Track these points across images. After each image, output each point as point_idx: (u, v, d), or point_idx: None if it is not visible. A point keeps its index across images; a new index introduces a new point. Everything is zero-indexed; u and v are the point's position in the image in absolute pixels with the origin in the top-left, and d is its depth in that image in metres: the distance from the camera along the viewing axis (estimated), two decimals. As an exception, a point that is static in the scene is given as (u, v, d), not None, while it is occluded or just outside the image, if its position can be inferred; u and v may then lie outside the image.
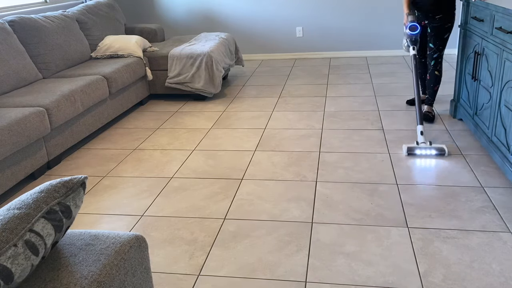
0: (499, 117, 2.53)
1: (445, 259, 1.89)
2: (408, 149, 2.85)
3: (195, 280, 1.86)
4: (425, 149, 2.82)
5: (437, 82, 3.37)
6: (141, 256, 1.28)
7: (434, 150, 2.81)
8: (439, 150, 2.81)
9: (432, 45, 3.27)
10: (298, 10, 5.55)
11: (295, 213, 2.30)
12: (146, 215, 2.38)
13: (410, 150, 2.85)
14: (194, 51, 4.13)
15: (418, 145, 2.86)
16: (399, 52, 5.51)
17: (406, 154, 2.84)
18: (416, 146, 2.85)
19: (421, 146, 2.85)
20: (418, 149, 2.83)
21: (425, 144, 2.87)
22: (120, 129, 3.70)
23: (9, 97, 3.12)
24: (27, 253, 0.98)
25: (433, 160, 2.76)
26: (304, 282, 1.81)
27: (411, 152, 2.85)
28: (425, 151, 2.82)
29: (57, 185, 1.14)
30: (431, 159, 2.75)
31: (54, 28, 3.79)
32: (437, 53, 3.27)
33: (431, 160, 2.77)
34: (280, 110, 3.86)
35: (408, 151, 2.85)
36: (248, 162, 2.91)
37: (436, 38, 3.23)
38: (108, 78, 3.60)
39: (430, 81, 3.39)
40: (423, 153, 2.82)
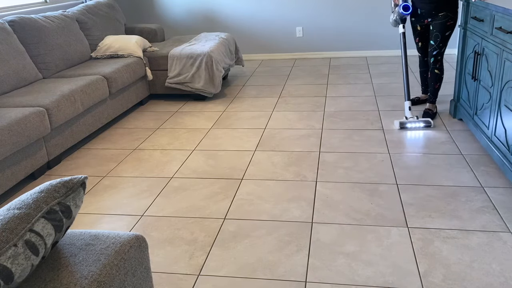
0: (499, 117, 2.53)
1: (445, 259, 1.89)
2: (401, 123, 3.24)
3: (195, 280, 1.86)
4: (414, 123, 3.24)
5: (437, 80, 3.39)
6: (141, 256, 1.28)
7: (422, 123, 3.23)
8: (426, 122, 3.23)
9: (433, 42, 3.29)
10: (298, 10, 5.55)
11: (295, 213, 2.30)
12: (146, 215, 2.38)
13: (402, 124, 3.23)
14: (194, 51, 4.13)
15: (408, 120, 3.25)
16: (399, 52, 5.51)
17: (399, 128, 3.24)
18: (407, 121, 3.23)
19: (410, 120, 3.24)
20: (409, 123, 3.23)
21: (413, 119, 3.26)
22: (120, 129, 3.70)
23: (9, 97, 3.12)
24: (27, 253, 0.98)
25: (433, 160, 2.76)
26: (304, 282, 1.81)
27: (403, 126, 3.24)
28: (414, 124, 3.24)
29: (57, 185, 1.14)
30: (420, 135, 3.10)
31: (54, 28, 3.79)
32: (437, 50, 3.29)
33: (431, 159, 2.77)
34: (280, 110, 3.86)
35: (400, 125, 3.24)
36: (248, 162, 2.91)
37: (438, 35, 3.25)
38: (108, 78, 3.60)
39: (431, 79, 3.42)
40: (413, 126, 3.24)
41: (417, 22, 3.40)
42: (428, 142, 3.02)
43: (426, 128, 3.22)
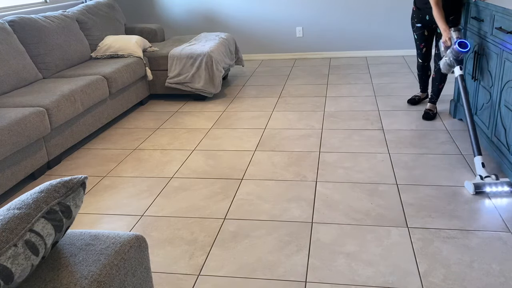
0: (499, 117, 2.53)
1: (445, 259, 1.89)
2: (476, 186, 2.38)
3: (195, 280, 1.86)
4: (495, 185, 2.39)
5: (442, 80, 3.37)
6: (141, 256, 1.28)
7: (507, 186, 2.38)
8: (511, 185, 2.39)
9: None
10: (298, 10, 5.55)
11: (295, 213, 2.30)
12: (146, 215, 2.38)
13: (478, 187, 2.38)
14: (194, 51, 4.13)
15: (485, 181, 2.42)
16: (399, 52, 5.51)
17: (473, 193, 2.39)
18: (484, 182, 2.40)
19: (488, 181, 2.41)
20: (488, 185, 2.39)
21: (491, 179, 2.43)
22: (120, 129, 3.70)
23: (9, 97, 3.12)
24: (27, 253, 0.98)
25: (433, 160, 2.76)
26: (304, 282, 1.81)
27: (480, 190, 2.38)
28: (495, 187, 2.38)
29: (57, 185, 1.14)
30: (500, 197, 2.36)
31: (54, 28, 3.79)
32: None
33: (431, 159, 2.77)
34: (280, 110, 3.86)
35: (476, 190, 2.38)
36: (248, 162, 2.91)
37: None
38: (108, 78, 3.60)
39: (436, 79, 3.39)
40: (493, 190, 2.38)
41: (425, 28, 3.33)
42: (428, 142, 3.02)
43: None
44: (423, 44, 3.41)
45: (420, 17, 3.28)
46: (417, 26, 3.35)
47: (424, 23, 3.29)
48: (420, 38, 3.39)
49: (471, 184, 2.39)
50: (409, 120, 3.42)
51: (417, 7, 3.28)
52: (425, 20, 3.26)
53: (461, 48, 2.83)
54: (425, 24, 3.29)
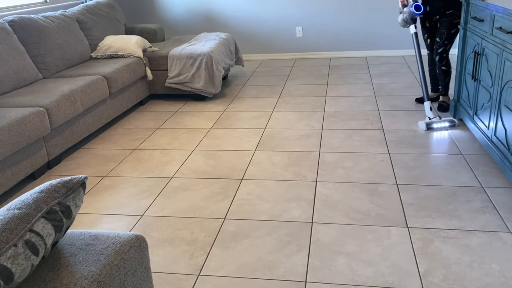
0: (499, 117, 2.53)
1: (445, 259, 1.89)
2: (427, 124, 3.18)
3: (195, 280, 1.86)
4: (439, 122, 3.20)
5: (446, 75, 3.49)
6: (141, 256, 1.28)
7: (447, 122, 3.20)
8: (451, 122, 3.21)
9: (439, 39, 3.37)
10: (298, 10, 5.55)
11: (295, 213, 2.30)
12: (146, 215, 2.38)
13: (428, 125, 3.18)
14: (194, 51, 4.13)
15: (432, 120, 3.20)
16: (399, 52, 5.51)
17: (425, 129, 3.19)
18: (433, 121, 3.18)
19: (435, 120, 3.20)
20: (434, 123, 3.18)
21: (436, 119, 3.21)
22: (120, 129, 3.70)
23: (9, 97, 3.12)
24: (27, 253, 0.98)
25: (433, 160, 2.76)
26: (304, 282, 1.81)
27: (429, 126, 3.18)
28: (439, 124, 3.20)
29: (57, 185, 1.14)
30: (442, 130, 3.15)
31: (54, 28, 3.79)
32: (442, 47, 3.36)
33: (431, 159, 2.77)
34: (280, 110, 3.86)
35: (427, 126, 3.18)
36: (248, 162, 2.91)
37: (444, 33, 3.33)
38: (108, 78, 3.60)
39: (440, 75, 3.52)
40: (439, 126, 3.20)
41: (426, 19, 3.46)
42: (428, 142, 3.02)
43: (451, 127, 3.21)
44: (426, 35, 3.53)
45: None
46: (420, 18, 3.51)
47: (425, 14, 3.44)
48: (422, 29, 3.56)
49: (423, 123, 3.21)
50: (409, 120, 3.42)
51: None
52: (426, 11, 3.41)
53: (416, 11, 3.20)
54: (426, 15, 3.44)
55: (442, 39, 3.34)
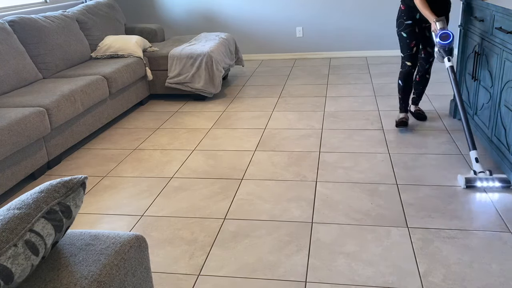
0: (499, 117, 2.53)
1: (445, 259, 1.89)
2: (467, 180, 2.40)
3: (195, 280, 1.86)
4: (487, 181, 2.39)
5: (426, 84, 3.36)
6: (141, 256, 1.28)
7: (498, 182, 2.38)
8: (504, 181, 2.39)
9: (430, 49, 3.20)
10: (298, 10, 5.55)
11: (295, 213, 2.30)
12: (146, 215, 2.38)
13: (468, 182, 2.40)
14: (194, 51, 4.13)
15: (477, 175, 2.43)
16: (399, 52, 5.51)
17: (464, 187, 2.41)
18: (476, 177, 2.41)
19: (481, 176, 2.42)
20: (479, 180, 2.40)
21: (484, 174, 2.43)
22: (120, 129, 3.70)
23: (9, 97, 3.12)
24: (27, 253, 0.98)
25: (433, 160, 2.76)
26: (304, 282, 1.81)
27: (470, 184, 2.40)
28: (486, 182, 2.39)
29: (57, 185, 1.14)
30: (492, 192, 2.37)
31: (54, 28, 3.79)
32: (433, 56, 3.21)
33: (431, 159, 2.77)
34: (280, 110, 3.86)
35: (467, 183, 2.40)
36: (248, 162, 2.91)
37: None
38: (108, 78, 3.60)
39: (421, 83, 3.35)
40: (484, 185, 2.39)
41: (416, 24, 3.11)
42: (428, 142, 3.02)
43: (505, 188, 2.39)
44: (414, 42, 3.10)
45: (410, 14, 3.06)
46: (407, 24, 3.08)
47: (414, 20, 3.08)
48: (411, 35, 3.09)
49: (463, 178, 2.42)
50: (408, 120, 3.42)
51: (407, 5, 3.06)
52: (415, 18, 3.07)
53: (442, 41, 2.76)
54: (415, 21, 3.08)
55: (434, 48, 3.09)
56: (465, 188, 2.40)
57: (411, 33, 3.08)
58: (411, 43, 3.10)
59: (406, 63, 3.16)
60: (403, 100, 3.29)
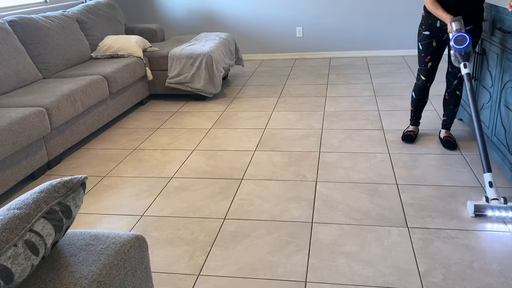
0: (499, 117, 2.53)
1: (445, 259, 1.89)
2: (476, 208, 2.16)
3: (195, 280, 1.86)
4: (499, 210, 2.12)
5: (457, 103, 2.90)
6: (141, 256, 1.28)
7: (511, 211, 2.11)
8: None
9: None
10: (298, 10, 5.55)
11: (295, 213, 2.30)
12: (146, 215, 2.38)
13: (478, 210, 2.16)
14: (194, 51, 4.13)
15: (489, 203, 2.16)
16: (399, 52, 5.51)
17: (473, 216, 2.17)
18: (487, 205, 2.15)
19: (493, 204, 2.15)
20: (490, 209, 2.14)
21: (498, 202, 2.16)
22: (120, 129, 3.70)
23: (9, 97, 3.12)
24: (27, 253, 0.98)
25: (433, 160, 2.76)
26: (304, 282, 1.81)
27: (480, 212, 2.16)
28: (499, 212, 2.12)
29: (57, 185, 1.14)
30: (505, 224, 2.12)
31: (54, 28, 3.79)
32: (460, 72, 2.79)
33: (431, 159, 2.77)
34: (280, 110, 3.86)
35: (475, 211, 2.16)
36: (248, 162, 2.91)
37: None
38: (108, 78, 3.60)
39: (450, 102, 2.90)
40: (496, 215, 2.13)
41: (433, 37, 2.72)
42: (428, 142, 3.02)
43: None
44: (429, 57, 2.78)
45: (429, 23, 2.70)
46: (424, 34, 2.74)
47: (433, 32, 2.71)
48: (426, 49, 2.76)
49: (472, 205, 2.16)
50: (409, 120, 3.42)
51: (427, 12, 2.71)
52: (434, 27, 2.69)
53: (457, 45, 2.45)
54: (434, 32, 2.70)
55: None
56: (473, 216, 2.16)
57: (427, 46, 2.77)
58: (425, 58, 2.80)
59: (421, 77, 2.88)
60: (414, 112, 3.06)
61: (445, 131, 3.02)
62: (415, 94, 2.98)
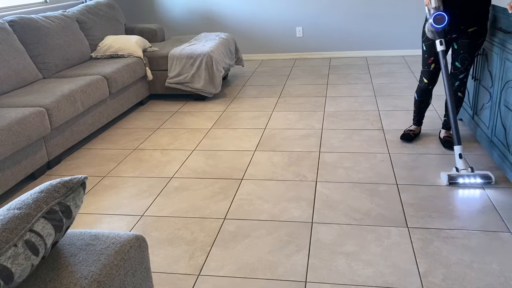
0: (499, 117, 2.53)
1: (445, 259, 1.89)
2: (450, 177, 2.43)
3: (195, 280, 1.86)
4: (469, 177, 2.41)
5: (460, 104, 2.88)
6: (141, 256, 1.28)
7: (479, 178, 2.41)
8: (485, 177, 2.42)
9: (460, 64, 2.71)
10: (298, 10, 5.55)
11: (295, 213, 2.30)
12: (146, 215, 2.38)
13: (451, 179, 2.43)
14: (194, 51, 4.13)
15: (459, 172, 2.44)
16: (399, 52, 5.51)
17: (447, 184, 2.43)
18: (458, 174, 2.43)
19: (463, 173, 2.43)
20: (461, 177, 2.42)
21: (466, 171, 2.44)
22: (120, 129, 3.70)
23: (9, 97, 3.12)
24: (27, 253, 0.98)
25: (433, 160, 2.76)
26: (304, 282, 1.81)
27: (453, 181, 2.43)
28: (468, 179, 2.41)
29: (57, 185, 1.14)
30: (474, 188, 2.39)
31: (54, 28, 3.79)
32: (464, 73, 2.73)
33: (431, 159, 2.77)
34: (280, 110, 3.86)
35: (449, 180, 2.43)
36: (248, 162, 2.91)
37: (466, 57, 2.68)
38: (108, 78, 3.60)
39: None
40: (466, 182, 2.42)
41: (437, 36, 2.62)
42: (428, 142, 3.02)
43: (486, 185, 2.42)
44: (432, 59, 2.74)
45: None
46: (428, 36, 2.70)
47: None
48: (430, 50, 2.72)
49: (446, 175, 2.45)
50: (409, 120, 3.42)
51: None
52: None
53: (436, 24, 2.44)
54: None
55: (465, 64, 2.68)
56: (447, 185, 2.44)
57: (430, 47, 2.72)
58: (428, 59, 2.76)
59: (423, 79, 2.85)
60: (417, 113, 3.04)
61: (445, 131, 3.02)
62: (417, 96, 2.98)
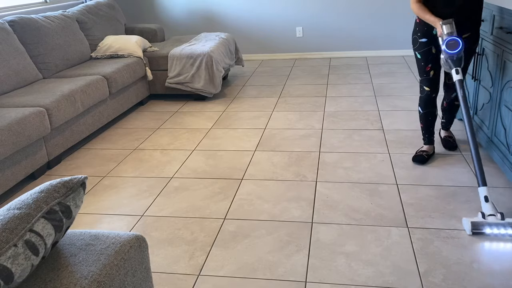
0: (499, 117, 2.53)
1: (445, 259, 1.89)
2: (473, 225, 2.02)
3: (195, 280, 1.86)
4: (497, 227, 2.00)
5: (456, 110, 2.89)
6: (141, 256, 1.28)
7: (511, 228, 1.99)
8: None
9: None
10: (298, 10, 5.55)
11: (295, 213, 2.30)
12: (146, 215, 2.38)
13: (475, 227, 2.02)
14: (194, 51, 4.13)
15: (486, 219, 2.04)
16: (399, 52, 5.51)
17: (470, 234, 2.03)
18: (484, 222, 2.02)
19: (490, 220, 2.03)
20: (488, 226, 2.01)
21: (495, 218, 2.03)
22: (120, 129, 3.70)
23: (9, 97, 3.12)
24: (27, 253, 0.98)
25: (433, 160, 2.76)
26: (304, 282, 1.81)
27: (477, 230, 2.02)
28: (497, 229, 2.00)
29: (57, 185, 1.14)
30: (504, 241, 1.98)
31: (54, 28, 3.79)
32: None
33: (431, 159, 2.76)
34: (280, 110, 3.86)
35: (473, 229, 2.02)
36: (248, 162, 2.91)
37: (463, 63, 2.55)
38: (108, 78, 3.60)
39: (448, 110, 2.90)
40: (494, 232, 2.00)
41: (431, 43, 2.55)
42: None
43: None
44: (430, 66, 2.59)
45: (425, 30, 2.53)
46: (421, 42, 2.56)
47: (430, 38, 2.54)
48: (426, 57, 2.57)
49: (468, 222, 2.03)
50: (409, 120, 3.42)
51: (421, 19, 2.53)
52: (431, 34, 2.53)
53: (449, 50, 2.29)
54: (432, 39, 2.54)
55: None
56: (470, 235, 2.03)
57: (426, 54, 2.58)
58: (426, 67, 2.60)
59: (424, 88, 2.65)
60: (425, 129, 2.77)
61: (445, 131, 3.02)
62: (422, 109, 2.72)
